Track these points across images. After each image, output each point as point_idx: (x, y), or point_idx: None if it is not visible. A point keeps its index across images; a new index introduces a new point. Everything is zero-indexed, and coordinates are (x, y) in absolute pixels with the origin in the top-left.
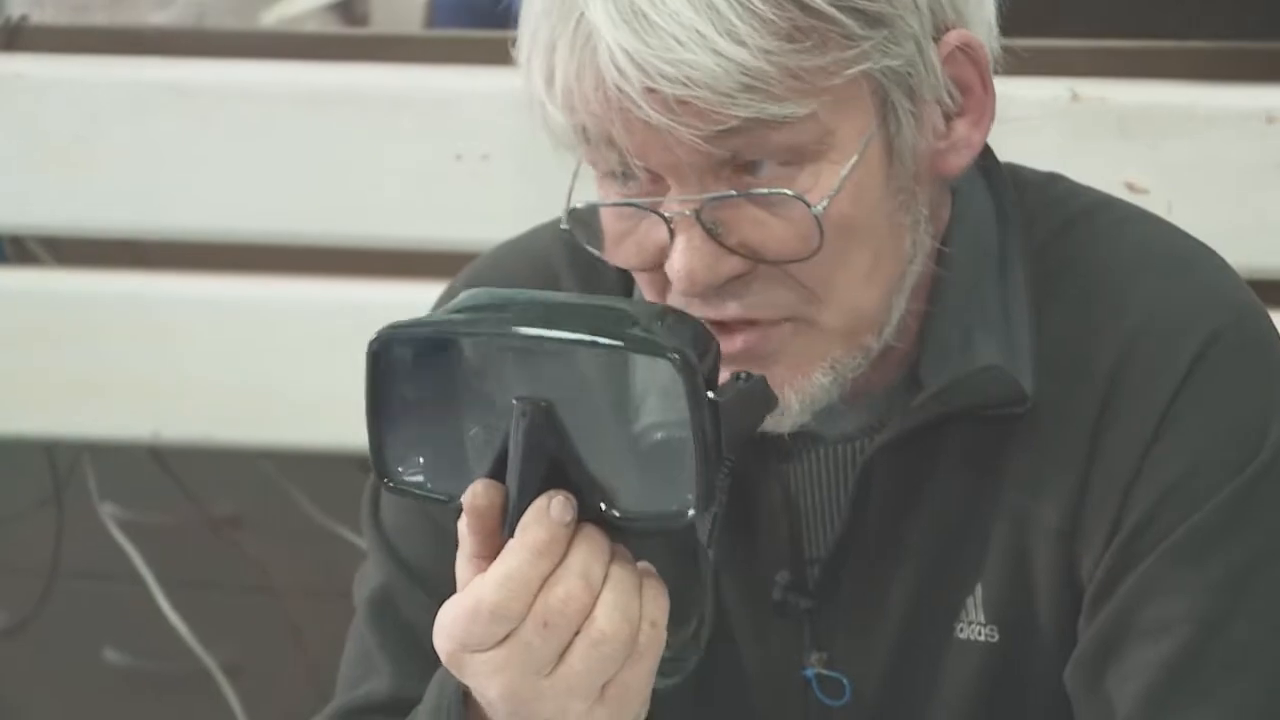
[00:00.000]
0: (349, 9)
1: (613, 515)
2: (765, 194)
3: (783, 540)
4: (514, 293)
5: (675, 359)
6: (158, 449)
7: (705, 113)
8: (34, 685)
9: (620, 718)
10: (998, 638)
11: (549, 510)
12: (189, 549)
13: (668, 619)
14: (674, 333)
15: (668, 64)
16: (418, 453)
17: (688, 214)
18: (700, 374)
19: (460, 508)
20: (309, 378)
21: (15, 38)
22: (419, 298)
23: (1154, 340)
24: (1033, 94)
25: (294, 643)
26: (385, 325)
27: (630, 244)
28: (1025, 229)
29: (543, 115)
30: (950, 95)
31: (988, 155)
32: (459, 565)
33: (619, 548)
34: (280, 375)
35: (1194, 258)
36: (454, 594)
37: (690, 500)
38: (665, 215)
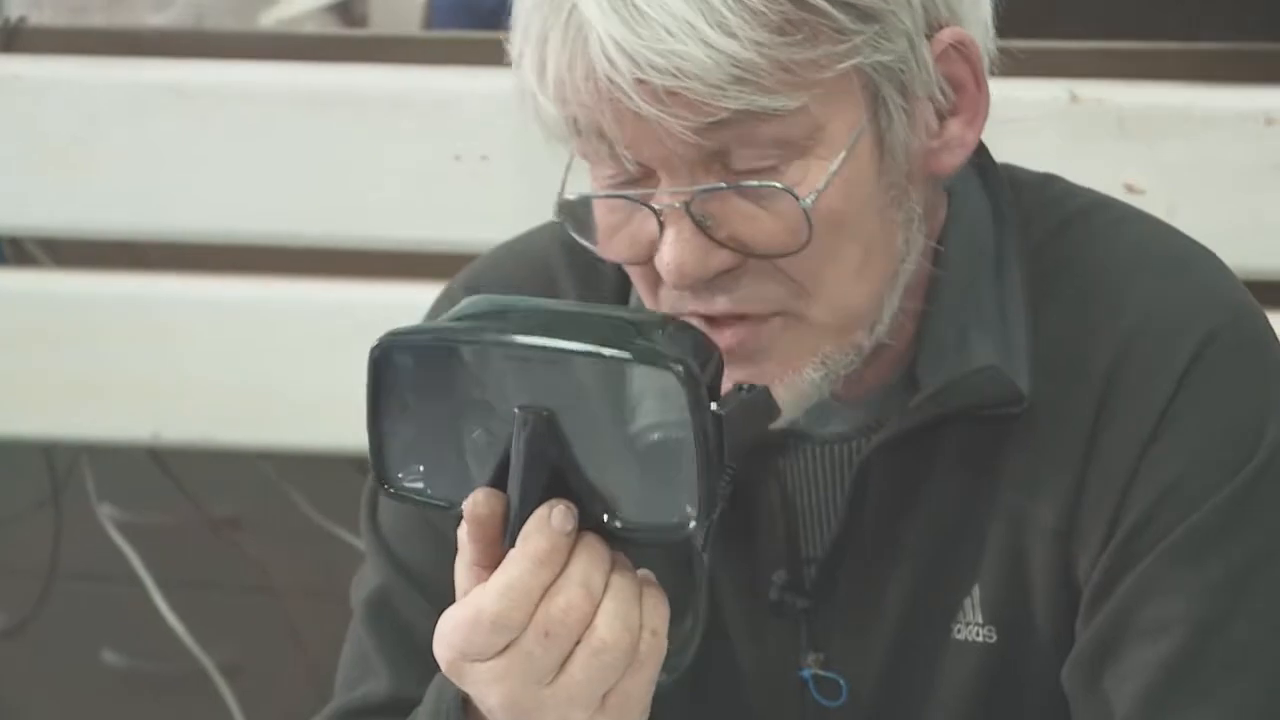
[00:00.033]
0: (348, 10)
1: (614, 526)
2: (754, 186)
3: (780, 540)
4: (515, 300)
5: (679, 371)
6: (156, 450)
7: (695, 104)
8: (33, 686)
9: None
10: (995, 638)
11: (550, 519)
12: (187, 550)
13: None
14: (676, 342)
15: (658, 55)
16: (418, 459)
17: (677, 206)
18: (703, 386)
19: (460, 514)
20: (308, 379)
21: (13, 39)
22: (418, 298)
23: (1151, 340)
24: (1031, 95)
25: (293, 643)
26: (386, 332)
27: (622, 237)
28: (1021, 229)
29: (534, 107)
30: (943, 93)
31: (984, 155)
32: (458, 572)
33: (619, 556)
34: (279, 376)
35: (1191, 258)
36: (452, 598)
37: (691, 513)
38: (655, 208)
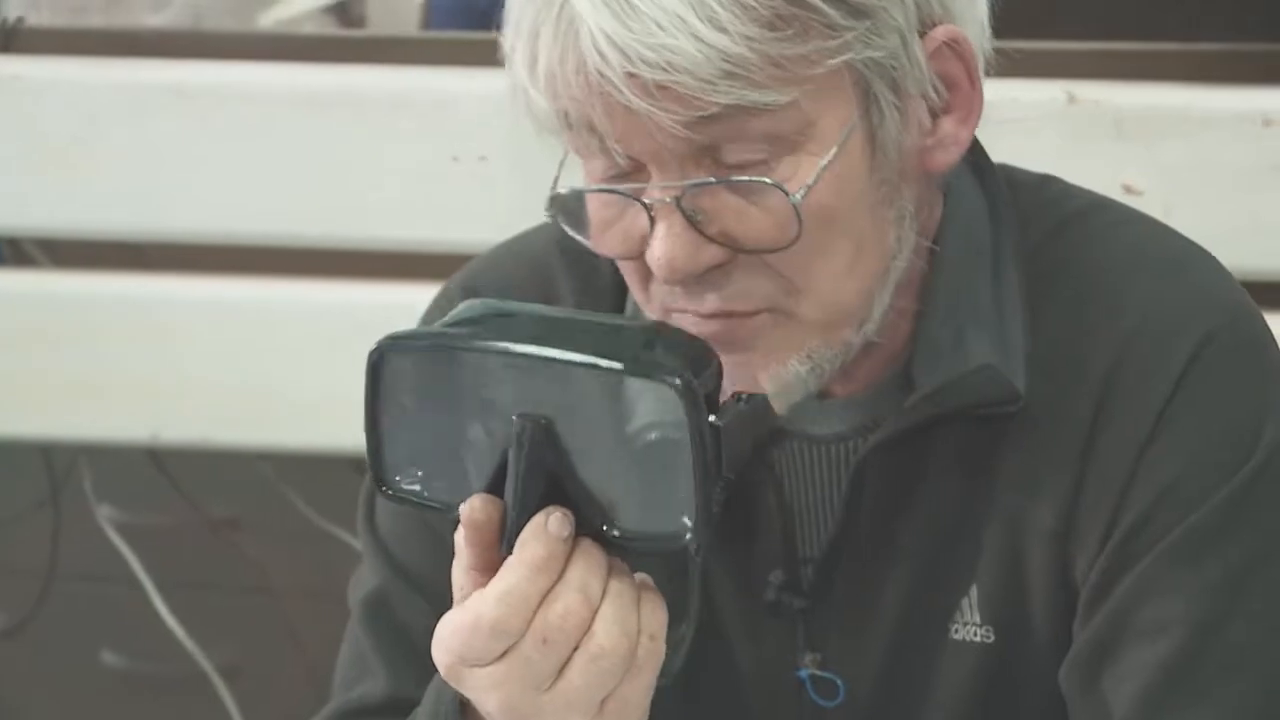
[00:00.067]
0: (346, 11)
1: (612, 534)
2: (744, 182)
3: (777, 540)
4: (514, 306)
5: (676, 385)
6: (155, 450)
7: (685, 98)
8: (31, 687)
9: None
10: (993, 638)
11: (547, 526)
12: (186, 551)
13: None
14: (674, 352)
15: (648, 49)
16: (416, 462)
17: (668, 201)
18: (701, 398)
19: (458, 518)
20: (307, 379)
21: (12, 40)
22: (416, 299)
23: (1148, 341)
24: (1030, 96)
25: (292, 644)
26: (385, 336)
27: (614, 232)
28: (1019, 229)
29: (526, 101)
30: (936, 90)
31: (981, 155)
32: (456, 575)
33: (616, 561)
34: (278, 377)
35: (1188, 259)
36: (449, 599)
37: (688, 523)
38: (646, 202)
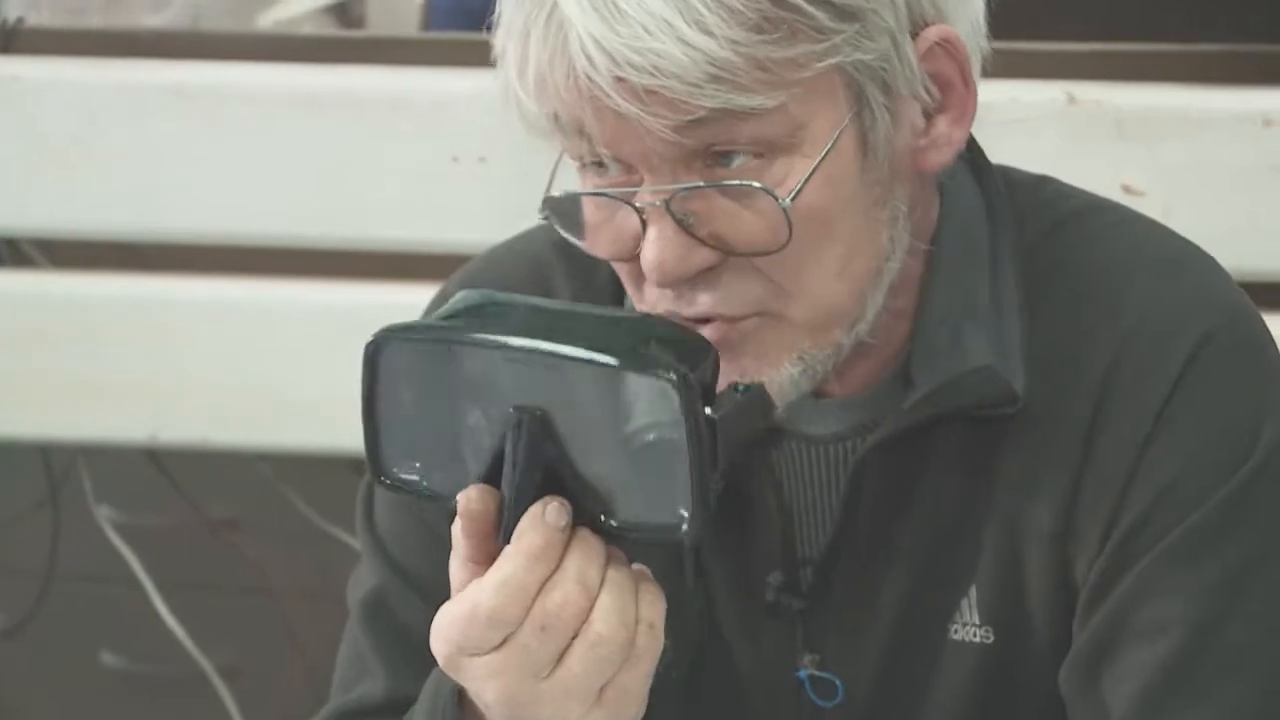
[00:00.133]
0: (345, 11)
1: (610, 525)
2: (733, 185)
3: (775, 541)
4: (511, 299)
5: (672, 379)
6: (154, 451)
7: (674, 102)
8: (31, 688)
9: None
10: (992, 639)
11: (544, 516)
12: (185, 551)
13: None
14: (670, 345)
15: (636, 53)
16: (413, 452)
17: (658, 204)
18: (697, 391)
19: (455, 508)
20: (306, 380)
21: (11, 40)
22: (416, 300)
23: (1147, 342)
24: (1029, 96)
25: (291, 645)
26: (382, 327)
27: (606, 234)
28: (1016, 229)
29: (517, 104)
30: (928, 91)
31: (979, 155)
32: (453, 567)
33: (614, 551)
34: (278, 377)
35: (1186, 260)
36: (448, 596)
37: (685, 514)
38: (637, 206)
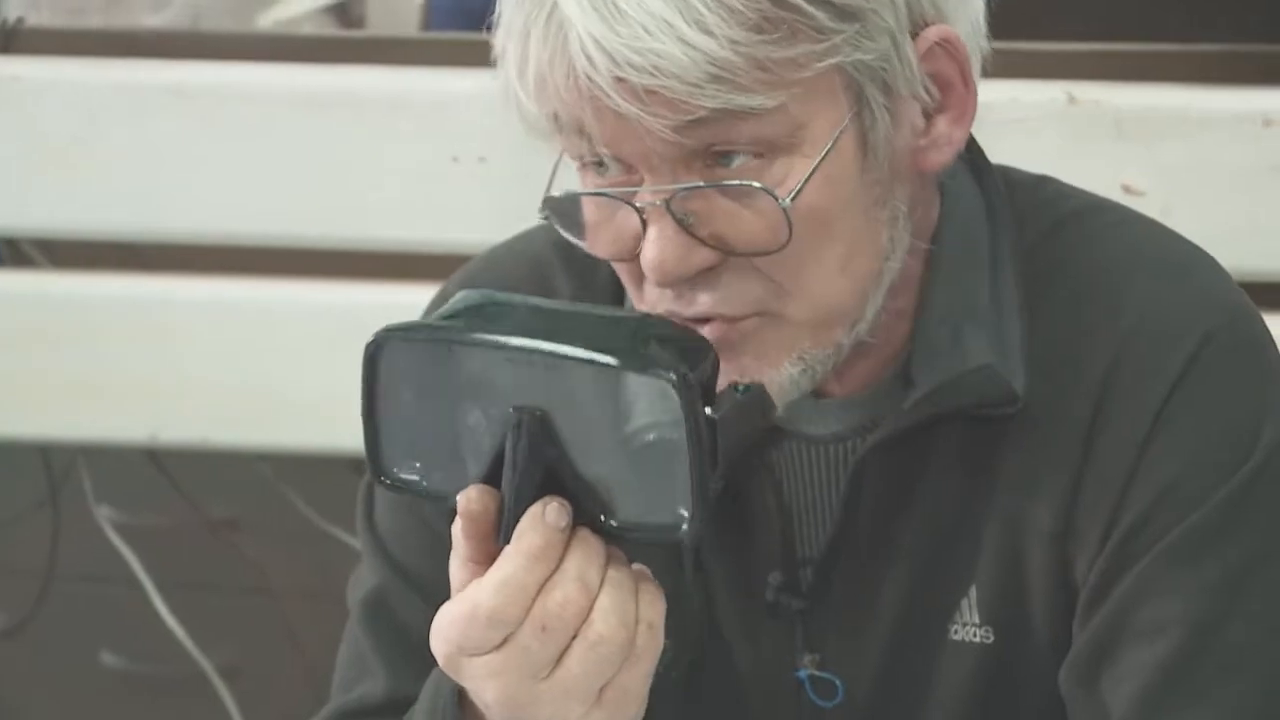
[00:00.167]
0: (345, 11)
1: (609, 525)
2: (733, 185)
3: (775, 541)
4: (511, 299)
5: (672, 379)
6: (154, 451)
7: (674, 103)
8: (31, 688)
9: None
10: (992, 639)
11: (544, 516)
12: (185, 551)
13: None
14: (670, 345)
15: (636, 53)
16: (413, 451)
17: (658, 204)
18: (697, 391)
19: (455, 507)
20: (306, 380)
21: (11, 40)
22: (416, 300)
23: (1147, 342)
24: (1030, 96)
25: (291, 645)
26: (382, 327)
27: (607, 234)
28: (1015, 229)
29: (517, 104)
30: (928, 91)
31: (979, 155)
32: (453, 567)
33: (614, 551)
34: (278, 377)
35: (1187, 260)
36: (448, 596)
37: (684, 514)
38: (637, 206)
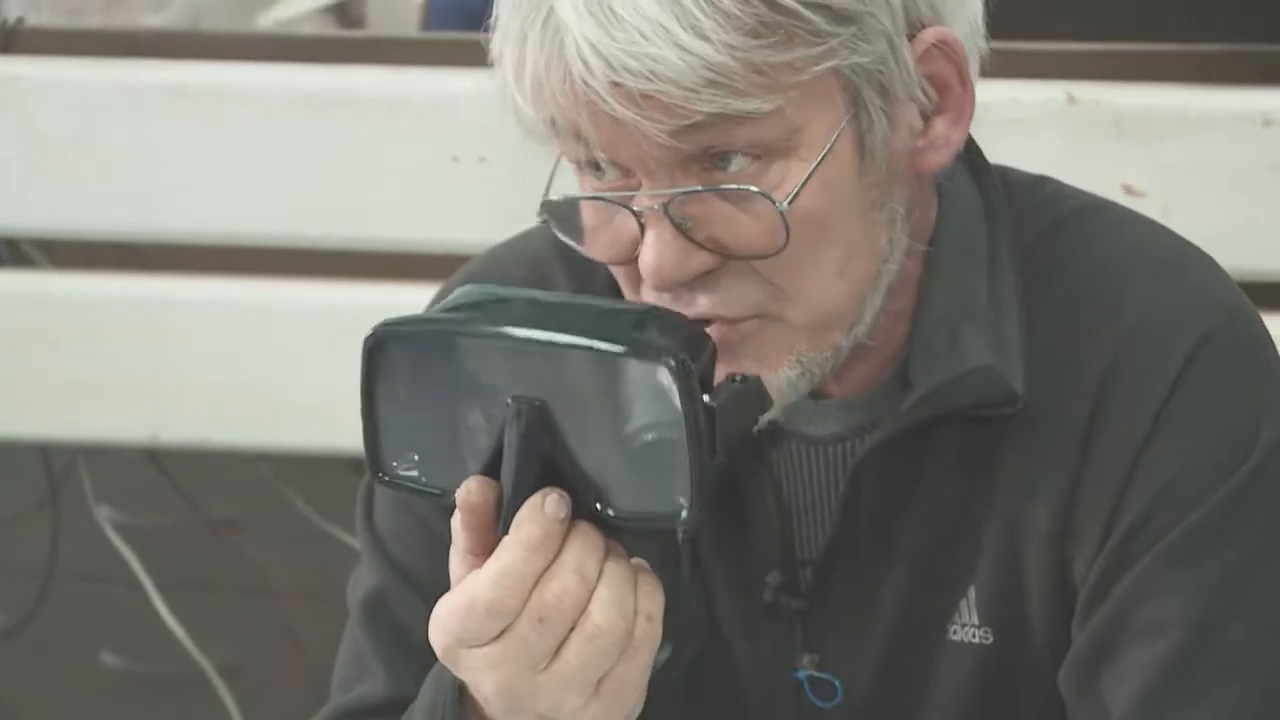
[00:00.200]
0: (345, 11)
1: (607, 515)
2: (731, 190)
3: (774, 541)
4: (509, 292)
5: (671, 364)
6: (154, 451)
7: (670, 107)
8: (31, 688)
9: (616, 712)
10: (991, 639)
11: (543, 507)
12: (185, 551)
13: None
14: (668, 334)
15: (632, 58)
16: (412, 447)
17: (656, 208)
18: (695, 378)
19: (454, 503)
20: (306, 380)
21: (11, 40)
22: (416, 300)
23: (1145, 342)
24: (1029, 96)
25: (291, 645)
26: (381, 321)
27: (604, 237)
28: (1014, 229)
29: (513, 107)
30: (925, 93)
31: (977, 155)
32: (452, 561)
33: (613, 544)
34: (278, 377)
35: (1185, 260)
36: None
37: (683, 502)
38: (635, 210)
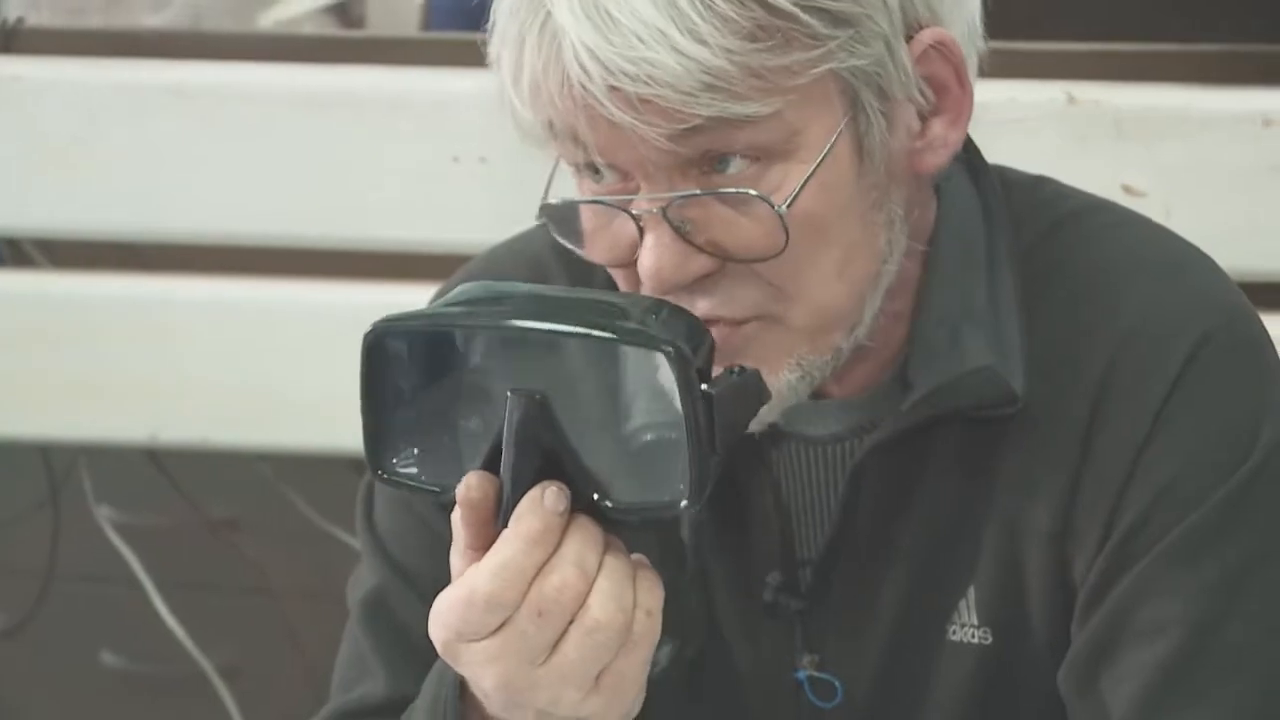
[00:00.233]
0: (346, 11)
1: (606, 506)
2: (729, 193)
3: (774, 541)
4: (509, 286)
5: (669, 352)
6: (154, 451)
7: (668, 111)
8: (31, 688)
9: (615, 706)
10: (991, 640)
11: (543, 500)
12: (185, 551)
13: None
14: (668, 326)
15: (629, 62)
16: (411, 444)
17: (655, 212)
18: (694, 367)
19: (453, 500)
20: (307, 380)
21: (12, 40)
22: (416, 300)
23: (1145, 342)
24: (1029, 96)
25: (291, 645)
26: (380, 318)
27: (603, 240)
28: (1012, 230)
29: (512, 111)
30: (923, 94)
31: (976, 156)
32: (453, 557)
33: (612, 538)
34: (278, 377)
35: (1185, 260)
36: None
37: (683, 490)
38: (634, 213)
